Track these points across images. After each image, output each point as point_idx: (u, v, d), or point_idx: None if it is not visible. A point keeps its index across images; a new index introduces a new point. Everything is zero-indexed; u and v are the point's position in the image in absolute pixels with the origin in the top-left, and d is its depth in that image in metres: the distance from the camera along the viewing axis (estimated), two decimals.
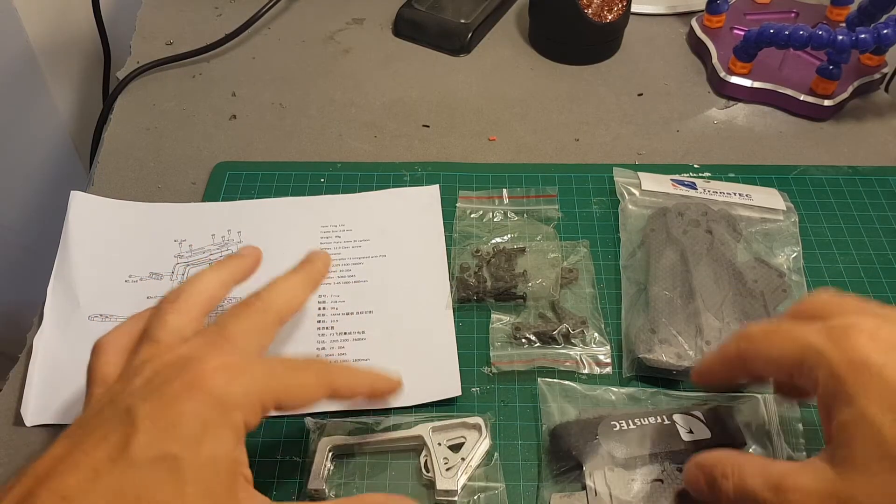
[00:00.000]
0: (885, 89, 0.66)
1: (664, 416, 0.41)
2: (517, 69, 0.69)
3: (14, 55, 0.76)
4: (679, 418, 0.41)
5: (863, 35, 0.57)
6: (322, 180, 0.58)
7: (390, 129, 0.63)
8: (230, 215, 0.55)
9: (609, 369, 0.46)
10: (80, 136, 0.88)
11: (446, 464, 0.41)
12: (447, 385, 0.45)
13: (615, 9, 0.67)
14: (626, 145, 0.61)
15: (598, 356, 0.46)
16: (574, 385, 0.44)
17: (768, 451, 0.41)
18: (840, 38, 0.57)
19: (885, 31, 0.56)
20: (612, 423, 0.41)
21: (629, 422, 0.41)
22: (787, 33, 0.58)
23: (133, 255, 0.52)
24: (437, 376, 0.45)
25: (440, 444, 0.42)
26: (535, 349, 0.46)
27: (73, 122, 0.87)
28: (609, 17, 0.67)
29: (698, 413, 0.41)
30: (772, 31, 0.59)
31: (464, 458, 0.41)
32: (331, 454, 0.42)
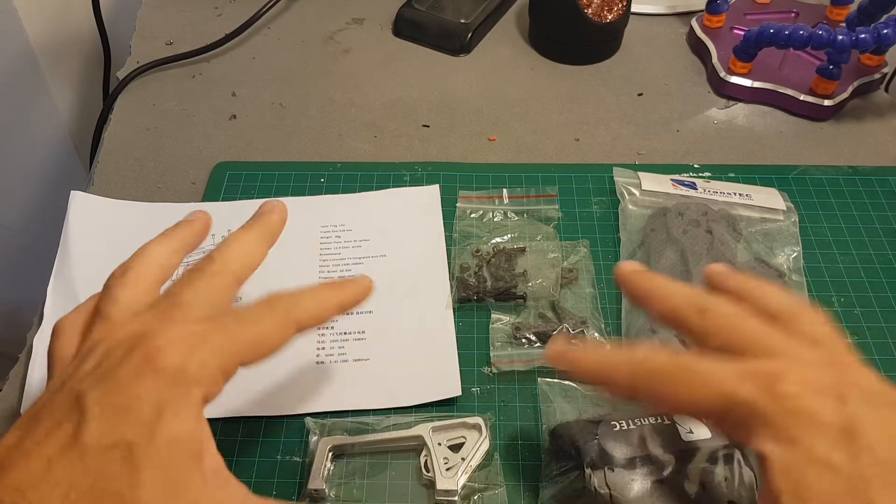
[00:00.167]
0: (885, 89, 0.66)
1: (664, 416, 0.41)
2: (517, 69, 0.69)
3: (14, 55, 0.76)
4: (679, 418, 0.41)
5: (863, 35, 0.57)
6: (322, 180, 0.58)
7: (390, 129, 0.63)
8: (230, 215, 0.54)
9: None
10: (80, 136, 0.88)
11: (446, 464, 0.41)
12: (447, 385, 0.45)
13: (615, 9, 0.67)
14: (626, 145, 0.61)
15: None
16: (574, 385, 0.44)
17: None
18: (840, 37, 0.57)
19: (885, 31, 0.56)
20: (612, 423, 0.40)
21: (629, 422, 0.41)
22: (787, 33, 0.58)
23: None
24: (437, 376, 0.45)
25: (440, 444, 0.42)
26: (535, 349, 0.46)
27: (73, 122, 0.87)
28: (609, 17, 0.67)
29: None
30: (772, 30, 0.59)
31: (464, 458, 0.41)
32: (331, 454, 0.42)
